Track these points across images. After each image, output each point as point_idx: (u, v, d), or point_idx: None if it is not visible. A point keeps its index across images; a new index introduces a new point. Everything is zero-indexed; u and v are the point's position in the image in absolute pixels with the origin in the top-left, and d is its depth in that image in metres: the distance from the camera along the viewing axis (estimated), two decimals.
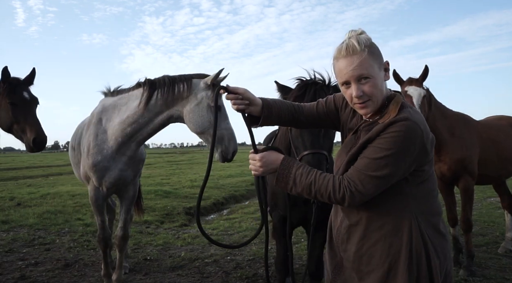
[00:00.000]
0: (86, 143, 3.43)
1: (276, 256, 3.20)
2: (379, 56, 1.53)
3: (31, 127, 3.25)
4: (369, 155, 1.47)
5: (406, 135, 1.42)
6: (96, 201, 3.51)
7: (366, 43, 1.49)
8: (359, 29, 1.57)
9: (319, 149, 2.30)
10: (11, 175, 20.22)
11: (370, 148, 1.48)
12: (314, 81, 2.48)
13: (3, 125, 3.38)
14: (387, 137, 1.44)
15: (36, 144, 3.22)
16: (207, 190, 11.69)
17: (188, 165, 26.63)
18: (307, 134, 2.37)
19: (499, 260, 4.65)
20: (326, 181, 1.51)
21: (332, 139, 2.45)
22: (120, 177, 3.44)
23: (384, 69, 1.55)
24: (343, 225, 1.68)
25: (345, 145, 1.71)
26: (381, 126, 1.48)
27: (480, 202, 8.88)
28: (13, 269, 4.57)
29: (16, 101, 3.29)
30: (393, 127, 1.44)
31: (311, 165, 2.21)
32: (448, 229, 4.61)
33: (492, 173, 4.44)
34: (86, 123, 3.63)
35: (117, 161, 3.38)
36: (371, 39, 1.53)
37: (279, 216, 3.00)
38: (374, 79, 1.49)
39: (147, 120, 3.21)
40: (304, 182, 1.54)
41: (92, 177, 3.41)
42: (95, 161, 3.34)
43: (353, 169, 1.50)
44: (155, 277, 4.35)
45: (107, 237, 3.66)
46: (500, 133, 4.49)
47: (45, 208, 8.31)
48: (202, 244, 5.72)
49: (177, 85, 3.09)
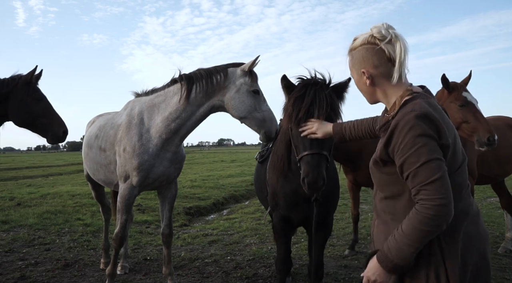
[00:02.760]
0: (129, 143, 3.46)
1: (277, 256, 3.21)
2: (359, 61, 1.63)
3: (59, 120, 3.56)
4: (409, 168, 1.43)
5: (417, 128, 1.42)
6: (128, 199, 3.56)
7: (351, 46, 1.68)
8: (380, 25, 1.59)
9: (319, 150, 2.30)
10: (11, 175, 20.22)
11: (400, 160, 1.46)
12: (314, 81, 2.48)
13: (26, 120, 3.54)
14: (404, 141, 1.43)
15: (65, 135, 3.57)
16: (207, 190, 11.70)
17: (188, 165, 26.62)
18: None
19: (499, 260, 4.65)
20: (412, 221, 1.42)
21: (332, 139, 2.44)
22: (163, 173, 3.55)
23: (362, 74, 1.64)
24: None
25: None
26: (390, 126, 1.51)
27: (480, 202, 8.88)
28: (13, 269, 4.57)
29: (41, 97, 3.53)
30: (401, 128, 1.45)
31: (310, 166, 2.22)
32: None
33: (489, 173, 4.46)
34: (121, 123, 3.63)
35: (162, 158, 3.48)
36: (360, 42, 1.63)
37: (280, 216, 3.00)
38: (354, 79, 1.72)
39: (189, 113, 3.35)
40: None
41: (134, 176, 3.45)
42: (142, 161, 3.40)
43: (415, 191, 1.42)
44: (155, 277, 4.35)
45: (125, 236, 3.72)
46: (498, 133, 4.50)
47: (45, 208, 8.30)
48: (202, 244, 5.72)
49: (215, 76, 3.25)
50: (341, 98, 2.56)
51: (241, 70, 3.22)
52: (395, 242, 1.44)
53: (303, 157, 2.31)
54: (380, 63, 1.58)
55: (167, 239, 3.87)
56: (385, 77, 1.60)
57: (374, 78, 1.62)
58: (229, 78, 3.23)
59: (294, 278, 4.23)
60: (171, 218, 3.89)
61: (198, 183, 13.03)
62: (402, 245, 1.42)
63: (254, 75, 3.23)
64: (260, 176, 3.52)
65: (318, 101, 2.36)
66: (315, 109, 2.35)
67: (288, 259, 3.19)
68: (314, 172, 2.23)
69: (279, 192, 2.92)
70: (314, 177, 2.22)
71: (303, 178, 2.27)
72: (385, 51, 1.56)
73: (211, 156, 47.88)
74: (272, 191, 3.01)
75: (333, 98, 2.45)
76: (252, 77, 3.20)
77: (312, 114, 2.35)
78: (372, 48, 1.58)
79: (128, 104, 3.79)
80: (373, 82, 1.62)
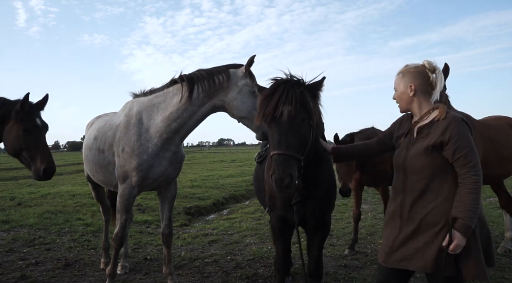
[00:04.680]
0: (127, 143, 3.47)
1: (275, 256, 3.21)
2: (410, 78, 2.31)
3: (42, 156, 3.21)
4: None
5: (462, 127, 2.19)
6: (128, 199, 3.57)
7: (403, 69, 2.37)
8: (430, 60, 2.29)
9: (284, 150, 2.29)
10: (11, 175, 20.22)
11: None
12: (285, 80, 2.49)
13: (11, 151, 3.32)
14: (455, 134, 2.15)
15: (46, 174, 3.20)
16: (207, 190, 11.71)
17: (188, 165, 26.62)
18: (276, 133, 2.37)
19: (498, 260, 4.65)
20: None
21: (304, 137, 2.43)
22: (163, 174, 3.56)
23: (409, 87, 2.30)
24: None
25: (401, 148, 2.37)
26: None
27: None
28: (13, 269, 4.58)
29: (30, 128, 3.24)
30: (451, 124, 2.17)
31: (277, 164, 2.28)
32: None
33: (492, 173, 4.43)
34: (119, 124, 3.64)
35: (161, 158, 3.50)
36: (412, 67, 2.33)
37: (277, 217, 3.00)
38: (398, 91, 2.38)
39: (191, 113, 3.38)
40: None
41: (134, 176, 3.46)
42: (141, 161, 3.41)
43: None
44: (155, 277, 4.36)
45: (125, 236, 3.73)
46: (499, 132, 4.50)
47: (46, 208, 8.32)
48: (202, 244, 5.73)
49: (217, 77, 3.29)
50: (316, 96, 2.56)
51: (241, 71, 3.28)
52: (469, 211, 2.04)
53: (272, 156, 2.33)
54: (424, 84, 2.28)
55: (167, 239, 3.88)
56: (423, 94, 2.29)
57: (417, 92, 2.29)
58: (231, 79, 3.28)
59: (294, 278, 4.24)
60: (171, 218, 3.91)
61: (198, 183, 13.04)
62: (474, 210, 2.05)
63: (253, 76, 3.29)
64: (258, 176, 3.53)
65: (285, 97, 2.36)
66: (284, 105, 2.35)
67: (287, 259, 3.19)
68: (280, 170, 2.23)
69: (275, 192, 2.92)
70: (280, 175, 2.22)
71: (271, 176, 2.29)
72: (430, 78, 2.27)
73: (211, 156, 47.89)
74: (269, 191, 3.01)
75: (305, 96, 2.44)
76: (251, 78, 3.26)
77: (281, 110, 2.35)
78: (422, 73, 2.29)
79: (126, 104, 3.80)
80: (415, 94, 2.30)
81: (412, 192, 2.23)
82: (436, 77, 2.26)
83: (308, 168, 2.54)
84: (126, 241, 4.71)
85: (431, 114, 2.26)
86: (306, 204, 2.78)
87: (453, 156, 2.12)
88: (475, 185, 2.06)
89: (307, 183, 2.71)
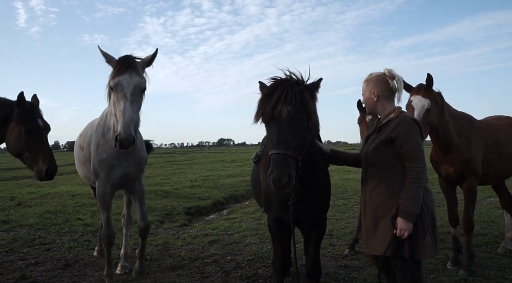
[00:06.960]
0: (94, 141, 3.65)
1: (274, 256, 3.19)
2: (373, 85, 2.67)
3: (44, 157, 3.24)
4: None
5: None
6: (103, 196, 3.65)
7: (368, 77, 2.74)
8: (390, 69, 2.67)
9: (283, 150, 2.30)
10: (11, 175, 20.22)
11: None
12: (285, 79, 2.49)
13: (13, 151, 3.34)
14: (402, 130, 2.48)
15: (48, 174, 3.23)
16: (207, 190, 11.70)
17: (188, 165, 26.64)
18: (275, 132, 2.37)
19: (499, 260, 4.65)
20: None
21: (302, 137, 2.44)
22: (125, 173, 3.65)
23: (373, 93, 2.67)
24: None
25: (367, 145, 2.69)
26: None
27: (480, 202, 8.87)
28: (13, 269, 4.58)
29: (31, 129, 3.26)
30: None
31: (275, 164, 2.29)
32: (449, 229, 4.63)
33: (494, 173, 4.42)
34: (95, 123, 3.82)
35: (118, 159, 3.58)
36: (375, 76, 2.70)
37: (273, 217, 2.99)
38: (365, 96, 2.75)
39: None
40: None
41: (100, 172, 3.60)
42: (102, 159, 3.57)
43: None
44: (155, 277, 4.35)
45: (111, 234, 3.72)
46: (501, 132, 4.48)
47: (45, 208, 8.32)
48: (202, 244, 5.72)
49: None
50: (314, 97, 2.57)
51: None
52: (410, 198, 2.37)
53: (271, 155, 2.33)
54: (385, 90, 2.64)
55: (142, 232, 3.88)
56: (385, 98, 2.65)
57: (379, 97, 2.64)
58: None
59: (294, 277, 4.23)
60: (144, 211, 3.92)
61: (198, 183, 13.04)
62: (416, 198, 2.37)
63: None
64: (255, 176, 3.52)
65: (285, 97, 2.36)
66: (283, 105, 2.35)
67: (286, 259, 3.17)
68: (278, 169, 2.23)
69: (271, 193, 2.91)
70: (278, 174, 2.22)
71: (268, 175, 2.28)
72: (390, 84, 2.64)
73: (211, 156, 47.89)
74: (264, 192, 3.00)
75: (304, 96, 2.44)
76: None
77: (280, 110, 2.35)
78: (383, 80, 2.65)
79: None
80: (378, 99, 2.65)
81: (372, 180, 2.59)
82: (396, 83, 2.63)
83: (304, 168, 2.53)
84: (127, 241, 4.71)
85: (391, 115, 2.59)
86: (301, 204, 2.77)
87: (400, 150, 2.46)
88: (417, 175, 2.39)
89: (303, 183, 2.70)
